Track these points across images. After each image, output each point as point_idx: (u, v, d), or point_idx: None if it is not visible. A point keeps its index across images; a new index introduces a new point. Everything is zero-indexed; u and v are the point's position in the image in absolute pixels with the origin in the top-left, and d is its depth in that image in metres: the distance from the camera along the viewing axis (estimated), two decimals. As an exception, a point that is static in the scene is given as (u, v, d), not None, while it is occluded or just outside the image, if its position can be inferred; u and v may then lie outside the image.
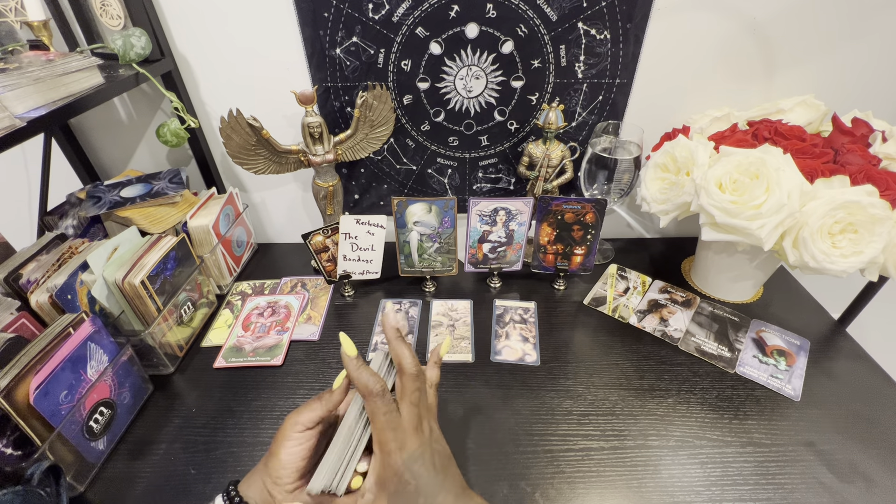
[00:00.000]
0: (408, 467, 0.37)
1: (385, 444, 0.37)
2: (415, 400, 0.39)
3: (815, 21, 0.68)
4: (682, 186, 0.65)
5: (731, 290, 0.75)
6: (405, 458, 0.37)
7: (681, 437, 0.56)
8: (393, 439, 0.37)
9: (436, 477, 0.38)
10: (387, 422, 0.37)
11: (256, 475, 0.41)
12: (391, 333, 0.42)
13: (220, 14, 0.68)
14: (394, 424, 0.38)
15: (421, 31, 0.68)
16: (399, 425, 0.38)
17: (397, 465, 0.37)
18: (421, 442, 0.38)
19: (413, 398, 0.39)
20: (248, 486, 0.41)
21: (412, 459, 0.37)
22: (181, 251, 0.67)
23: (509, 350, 0.67)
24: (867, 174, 0.57)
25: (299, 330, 0.72)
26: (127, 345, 0.58)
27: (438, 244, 0.75)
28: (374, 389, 0.38)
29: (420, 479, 0.37)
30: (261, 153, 0.71)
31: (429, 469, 0.38)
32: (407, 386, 0.39)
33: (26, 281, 0.58)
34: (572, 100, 0.75)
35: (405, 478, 0.37)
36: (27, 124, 0.48)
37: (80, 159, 0.82)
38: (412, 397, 0.39)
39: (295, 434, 0.41)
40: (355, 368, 0.39)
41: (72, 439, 0.50)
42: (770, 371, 0.63)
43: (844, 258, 0.57)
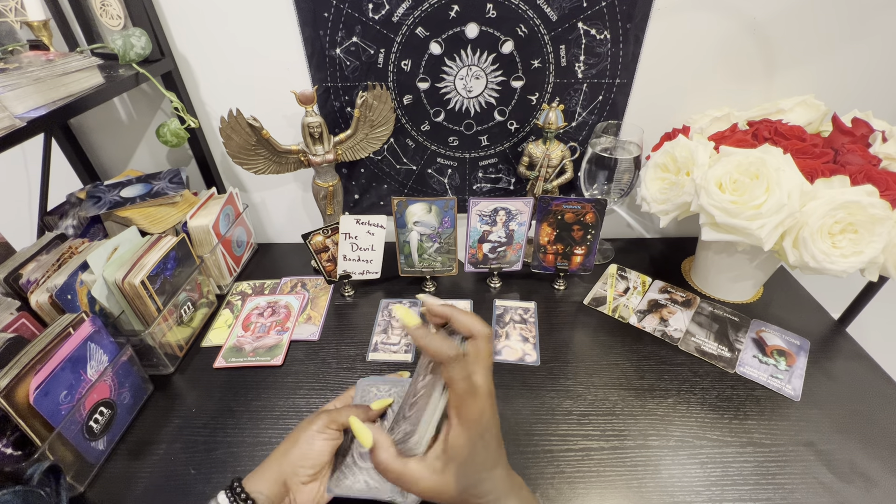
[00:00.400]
0: (482, 436, 0.36)
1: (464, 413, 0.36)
2: (490, 364, 0.38)
3: (815, 21, 0.68)
4: (682, 186, 0.65)
5: (731, 290, 0.75)
6: (482, 427, 0.36)
7: (681, 437, 0.56)
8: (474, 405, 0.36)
9: (499, 448, 0.38)
10: (467, 388, 0.36)
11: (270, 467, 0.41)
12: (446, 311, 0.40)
13: (220, 14, 0.68)
14: (473, 390, 0.36)
15: (421, 31, 0.68)
16: (477, 391, 0.36)
17: (473, 432, 0.36)
18: (494, 409, 0.37)
19: (489, 362, 0.38)
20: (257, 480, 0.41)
21: (487, 427, 0.36)
22: (181, 251, 0.67)
23: (509, 350, 0.67)
24: (867, 174, 0.57)
25: (299, 330, 0.72)
26: (127, 345, 0.58)
27: (438, 244, 0.75)
28: (451, 353, 0.36)
29: (489, 450, 0.37)
30: (261, 153, 0.71)
31: (495, 439, 0.37)
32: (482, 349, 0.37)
33: (26, 281, 0.58)
34: (572, 100, 0.75)
35: (478, 447, 0.36)
36: (27, 124, 0.48)
37: (80, 159, 0.82)
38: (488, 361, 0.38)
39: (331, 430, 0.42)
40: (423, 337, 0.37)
41: (72, 439, 0.50)
42: (770, 371, 0.63)
43: (844, 258, 0.57)
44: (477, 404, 0.36)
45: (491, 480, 0.37)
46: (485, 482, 0.36)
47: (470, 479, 0.36)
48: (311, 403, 0.61)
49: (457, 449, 0.36)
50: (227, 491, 0.40)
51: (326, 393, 0.63)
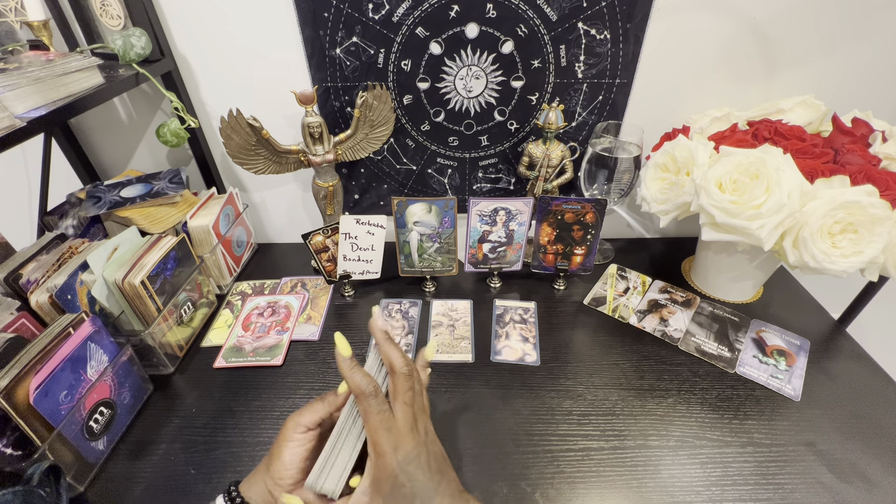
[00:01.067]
0: (403, 469, 0.36)
1: (379, 445, 0.37)
2: (408, 400, 0.39)
3: (816, 21, 0.68)
4: (682, 186, 0.65)
5: (731, 290, 0.75)
6: (400, 460, 0.36)
7: (681, 437, 0.56)
8: (387, 440, 0.37)
9: (431, 479, 0.37)
10: (380, 422, 0.37)
11: (258, 476, 0.41)
12: (379, 336, 0.41)
13: (220, 14, 0.68)
14: (387, 425, 0.37)
15: (421, 31, 0.68)
16: (393, 426, 0.37)
17: (392, 466, 0.36)
18: (417, 443, 0.38)
19: (406, 398, 0.39)
20: (249, 487, 0.41)
21: (407, 461, 0.37)
22: (181, 251, 0.67)
23: (509, 350, 0.67)
24: (867, 174, 0.57)
25: (299, 330, 0.72)
26: (127, 345, 0.58)
27: (438, 244, 0.75)
28: (366, 390, 0.37)
29: (416, 482, 0.36)
30: (261, 153, 0.71)
31: (424, 471, 0.37)
32: (399, 386, 0.39)
33: (26, 281, 0.58)
34: (572, 100, 0.75)
35: (400, 480, 0.36)
36: (27, 124, 0.48)
37: (80, 159, 0.82)
38: (405, 397, 0.39)
39: (297, 435, 0.41)
40: (348, 368, 0.39)
41: (72, 439, 0.50)
42: (770, 371, 0.63)
43: (844, 258, 0.57)
44: (391, 438, 0.37)
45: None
46: None
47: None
48: (311, 403, 0.61)
49: (378, 483, 0.37)
50: (225, 495, 0.40)
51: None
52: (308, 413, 0.41)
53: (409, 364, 0.40)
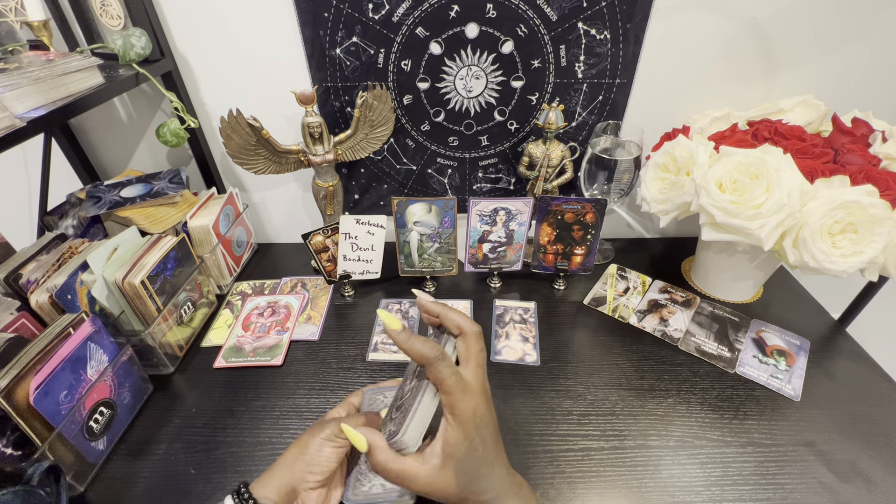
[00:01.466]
0: (478, 433, 0.36)
1: (457, 408, 0.36)
2: (482, 360, 0.38)
3: (815, 21, 0.68)
4: (682, 186, 0.65)
5: (731, 290, 0.75)
6: (477, 422, 0.36)
7: (681, 437, 0.56)
8: (465, 401, 0.36)
9: (496, 444, 0.38)
10: (456, 384, 0.36)
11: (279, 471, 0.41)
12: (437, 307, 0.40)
13: (220, 14, 0.68)
14: (463, 386, 0.36)
15: (421, 31, 0.68)
16: (468, 387, 0.37)
17: (469, 428, 0.36)
18: (489, 406, 0.38)
19: (480, 358, 0.38)
20: (263, 486, 0.41)
21: (483, 423, 0.37)
22: (181, 251, 0.67)
23: (509, 350, 0.67)
24: (867, 174, 0.57)
25: (299, 330, 0.72)
26: (127, 345, 0.58)
27: (438, 244, 0.75)
28: (433, 355, 0.36)
29: (487, 446, 0.37)
30: (261, 153, 0.71)
31: (493, 436, 0.37)
32: (472, 346, 0.38)
33: (26, 281, 0.58)
34: (572, 100, 0.75)
35: (475, 443, 0.36)
36: (27, 124, 0.48)
37: (80, 159, 0.82)
38: (479, 358, 0.38)
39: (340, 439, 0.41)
40: (406, 340, 0.37)
41: (72, 439, 0.50)
42: (770, 371, 0.63)
43: (844, 258, 0.57)
44: (469, 400, 0.36)
45: (490, 477, 0.37)
46: (484, 479, 0.37)
47: (469, 475, 0.36)
48: (311, 403, 0.61)
49: (453, 445, 0.36)
50: (234, 495, 0.40)
51: (326, 393, 0.63)
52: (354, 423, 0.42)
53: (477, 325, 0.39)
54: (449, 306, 0.41)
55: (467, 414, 0.36)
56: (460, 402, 0.36)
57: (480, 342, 0.39)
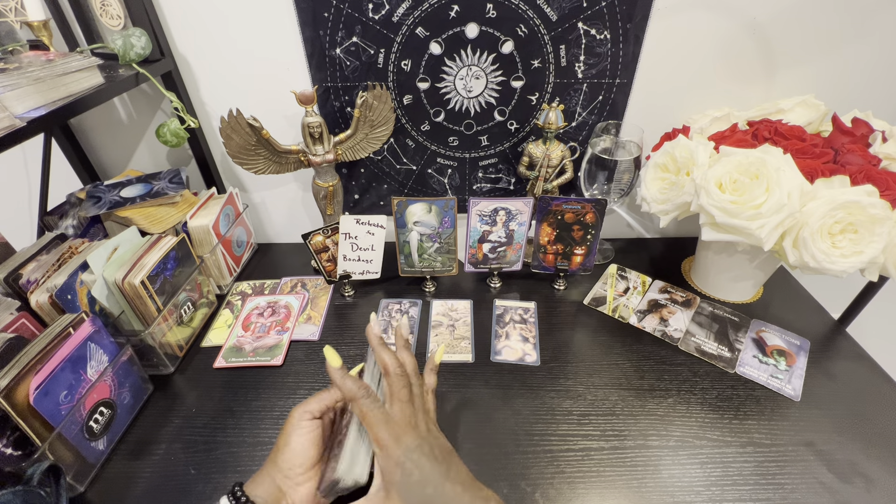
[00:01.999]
0: (408, 457, 0.38)
1: (381, 439, 0.38)
2: (404, 397, 0.41)
3: (815, 21, 0.68)
4: (682, 186, 0.65)
5: (731, 290, 0.75)
6: (403, 449, 0.38)
7: (681, 437, 0.56)
8: (387, 432, 0.38)
9: (439, 466, 0.38)
10: (376, 417, 0.39)
11: (265, 472, 0.42)
12: (374, 341, 0.45)
13: (220, 14, 0.68)
14: (384, 419, 0.39)
15: (421, 31, 0.68)
16: (390, 419, 0.39)
17: (396, 455, 0.38)
18: (417, 435, 0.39)
19: (402, 395, 0.41)
20: (255, 486, 0.41)
21: (410, 450, 0.38)
22: (181, 251, 0.67)
23: (509, 350, 0.67)
24: (867, 174, 0.57)
25: (299, 330, 0.72)
26: (127, 345, 0.58)
27: (438, 244, 0.75)
28: (357, 393, 0.40)
29: (423, 469, 0.37)
30: (261, 153, 0.71)
31: (430, 459, 0.38)
32: (394, 385, 0.41)
33: (26, 281, 0.58)
34: (572, 100, 0.75)
35: (407, 467, 0.37)
36: (27, 124, 0.48)
37: (80, 159, 0.82)
38: (401, 394, 0.41)
39: (304, 422, 0.42)
40: (340, 378, 0.41)
41: (72, 439, 0.50)
42: (770, 371, 0.63)
43: (844, 258, 0.57)
44: (391, 430, 0.39)
45: (442, 497, 0.37)
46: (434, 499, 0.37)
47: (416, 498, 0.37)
48: (311, 403, 0.61)
49: (387, 473, 0.38)
50: (230, 496, 0.40)
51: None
52: (314, 402, 0.44)
53: (400, 365, 0.43)
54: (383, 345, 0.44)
55: (390, 442, 0.38)
56: (381, 432, 0.39)
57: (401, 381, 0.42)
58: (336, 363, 0.42)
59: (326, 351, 0.43)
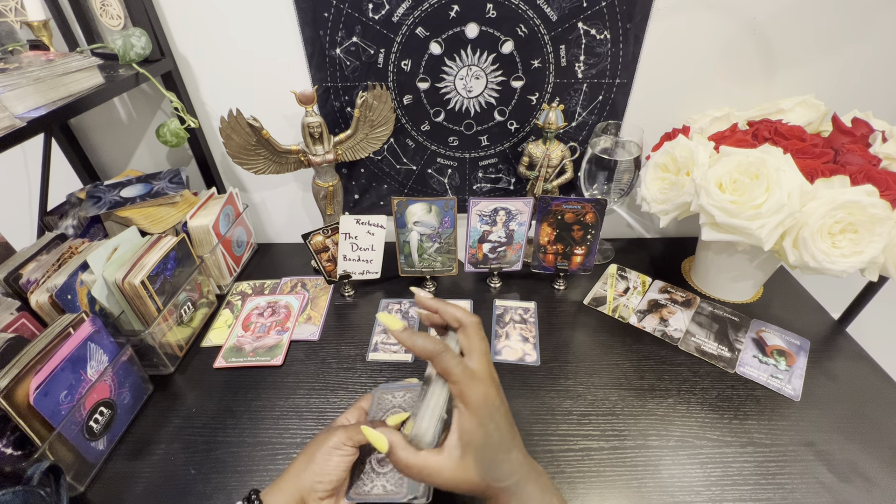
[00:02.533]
0: (492, 418, 0.37)
1: (468, 397, 0.37)
2: (484, 349, 0.39)
3: (815, 21, 0.68)
4: (682, 186, 0.65)
5: (731, 290, 0.75)
6: (490, 408, 0.37)
7: (681, 437, 0.56)
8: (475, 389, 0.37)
9: (511, 429, 0.38)
10: (463, 373, 0.37)
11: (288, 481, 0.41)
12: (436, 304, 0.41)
13: (220, 14, 0.68)
14: (470, 374, 0.37)
15: (421, 31, 0.68)
16: (476, 376, 0.37)
17: (482, 415, 0.37)
18: (499, 391, 0.38)
19: (483, 347, 0.39)
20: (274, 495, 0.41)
21: (495, 409, 0.37)
22: (181, 251, 0.67)
23: (509, 350, 0.67)
24: (867, 174, 0.57)
25: (299, 330, 0.72)
26: (127, 345, 0.59)
27: (438, 244, 0.75)
28: (437, 349, 0.37)
29: (502, 431, 0.37)
30: (261, 153, 0.71)
31: (507, 421, 0.38)
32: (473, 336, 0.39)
33: (26, 281, 0.58)
34: (572, 100, 0.75)
35: (490, 429, 0.37)
36: (27, 124, 0.48)
37: (80, 159, 0.82)
38: (482, 346, 0.39)
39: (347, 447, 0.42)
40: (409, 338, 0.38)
41: (72, 439, 0.50)
42: (770, 371, 0.63)
43: (844, 258, 0.57)
44: (478, 387, 0.37)
45: (509, 463, 0.37)
46: (503, 464, 0.37)
47: (488, 462, 0.37)
48: (311, 403, 0.61)
49: (469, 434, 0.37)
50: (245, 502, 0.40)
51: (326, 393, 0.63)
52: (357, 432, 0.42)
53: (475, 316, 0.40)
54: (447, 301, 0.42)
55: (478, 401, 0.37)
56: (469, 389, 0.36)
57: (480, 332, 0.40)
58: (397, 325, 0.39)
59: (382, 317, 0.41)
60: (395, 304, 0.76)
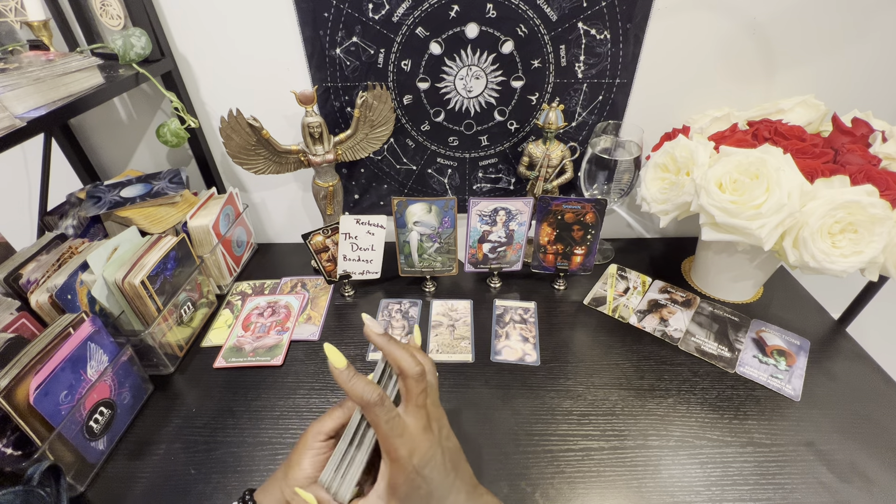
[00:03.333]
0: (419, 472, 0.35)
1: (394, 452, 0.35)
2: (421, 402, 0.37)
3: (815, 21, 0.68)
4: (682, 186, 0.65)
5: (731, 290, 0.75)
6: (416, 464, 0.35)
7: (681, 437, 0.56)
8: (401, 446, 0.35)
9: (447, 477, 0.37)
10: (390, 429, 0.35)
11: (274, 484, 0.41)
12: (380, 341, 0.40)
13: (220, 14, 0.68)
14: (399, 431, 0.36)
15: (421, 31, 0.68)
16: (405, 430, 0.36)
17: (408, 470, 0.35)
18: (431, 443, 0.37)
19: (419, 400, 0.37)
20: (265, 496, 0.41)
21: (423, 464, 0.36)
22: (181, 251, 0.67)
23: (509, 350, 0.67)
24: (867, 174, 0.57)
25: (299, 330, 0.72)
26: (127, 345, 0.59)
27: (438, 244, 0.75)
28: (371, 399, 0.35)
29: (432, 482, 0.36)
30: (261, 153, 0.71)
31: (440, 471, 0.37)
32: (412, 388, 0.37)
33: (26, 281, 0.58)
34: (572, 100, 0.75)
35: (417, 482, 0.35)
36: (27, 124, 0.48)
37: (80, 159, 0.82)
38: (418, 400, 0.37)
39: (317, 444, 0.40)
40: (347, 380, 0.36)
41: (72, 439, 0.50)
42: (770, 371, 0.63)
43: (844, 258, 0.57)
44: (405, 444, 0.35)
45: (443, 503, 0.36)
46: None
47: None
48: (311, 403, 0.61)
49: (394, 487, 0.36)
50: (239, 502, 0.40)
51: (326, 393, 0.63)
52: (328, 420, 0.41)
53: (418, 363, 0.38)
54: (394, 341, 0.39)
55: (404, 457, 0.35)
56: (395, 445, 0.35)
57: (421, 384, 0.37)
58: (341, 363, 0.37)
59: (329, 350, 0.38)
60: (395, 304, 0.76)
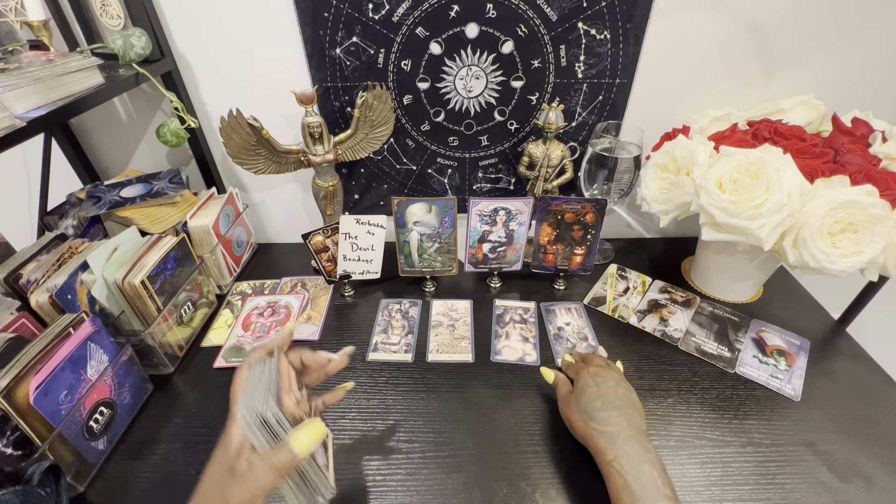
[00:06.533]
0: (594, 380, 0.52)
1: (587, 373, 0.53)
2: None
3: (815, 21, 0.68)
4: (682, 186, 0.65)
5: (731, 290, 0.75)
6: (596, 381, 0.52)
7: (681, 437, 0.56)
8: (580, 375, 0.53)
9: (612, 398, 0.50)
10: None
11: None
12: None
13: (220, 14, 0.68)
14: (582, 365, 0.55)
15: (421, 31, 0.68)
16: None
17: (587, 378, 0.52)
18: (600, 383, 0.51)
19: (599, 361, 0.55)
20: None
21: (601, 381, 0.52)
22: (181, 251, 0.67)
23: (509, 350, 0.67)
24: (867, 174, 0.57)
25: (299, 330, 0.72)
26: (127, 345, 0.58)
27: (438, 244, 0.75)
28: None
29: (600, 391, 0.50)
30: (261, 153, 0.71)
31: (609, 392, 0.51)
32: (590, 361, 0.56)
33: (26, 281, 0.58)
34: (572, 100, 0.75)
35: (588, 384, 0.52)
36: (27, 124, 0.48)
37: (80, 159, 0.82)
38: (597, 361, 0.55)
39: None
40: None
41: (72, 439, 0.50)
42: (770, 371, 0.63)
43: (844, 258, 0.57)
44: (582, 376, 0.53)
45: (606, 414, 0.47)
46: (599, 412, 0.47)
47: (584, 405, 0.49)
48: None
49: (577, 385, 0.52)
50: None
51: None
52: None
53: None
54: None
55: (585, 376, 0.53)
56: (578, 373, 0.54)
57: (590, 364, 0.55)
58: (551, 377, 0.57)
59: (545, 372, 0.58)
60: (395, 304, 0.76)
